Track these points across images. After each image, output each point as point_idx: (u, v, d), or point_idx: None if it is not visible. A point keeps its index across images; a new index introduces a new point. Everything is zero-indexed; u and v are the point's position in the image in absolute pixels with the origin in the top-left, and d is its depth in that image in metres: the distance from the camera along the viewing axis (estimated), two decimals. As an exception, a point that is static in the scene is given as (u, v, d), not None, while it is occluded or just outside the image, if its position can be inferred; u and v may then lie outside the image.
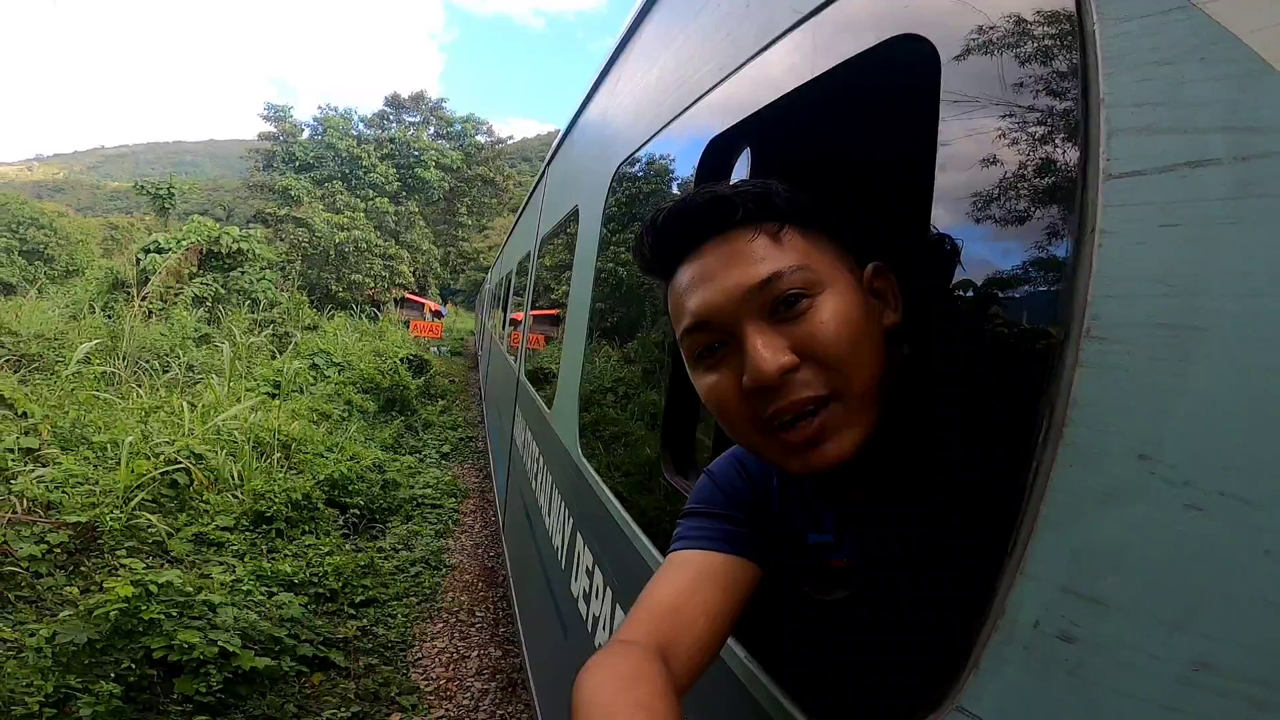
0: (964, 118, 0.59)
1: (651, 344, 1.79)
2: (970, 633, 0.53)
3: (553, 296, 4.32)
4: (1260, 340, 0.38)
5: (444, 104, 37.98)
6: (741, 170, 1.27)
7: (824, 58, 0.85)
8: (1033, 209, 0.53)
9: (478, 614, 4.24)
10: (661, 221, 0.76)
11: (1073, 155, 0.48)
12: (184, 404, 6.38)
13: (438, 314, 27.24)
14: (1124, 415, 0.43)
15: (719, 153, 1.28)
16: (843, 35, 0.81)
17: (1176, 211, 0.42)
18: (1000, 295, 0.57)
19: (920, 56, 0.65)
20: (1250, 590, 0.37)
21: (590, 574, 1.77)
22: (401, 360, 11.71)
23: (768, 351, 0.67)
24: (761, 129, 1.13)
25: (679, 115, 1.50)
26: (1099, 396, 0.45)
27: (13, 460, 4.61)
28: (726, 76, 1.20)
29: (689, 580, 0.77)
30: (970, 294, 0.61)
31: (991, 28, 0.57)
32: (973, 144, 0.58)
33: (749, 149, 1.23)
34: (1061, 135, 0.50)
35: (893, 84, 0.82)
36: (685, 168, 1.55)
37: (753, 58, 1.09)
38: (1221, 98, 0.40)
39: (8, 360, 7.23)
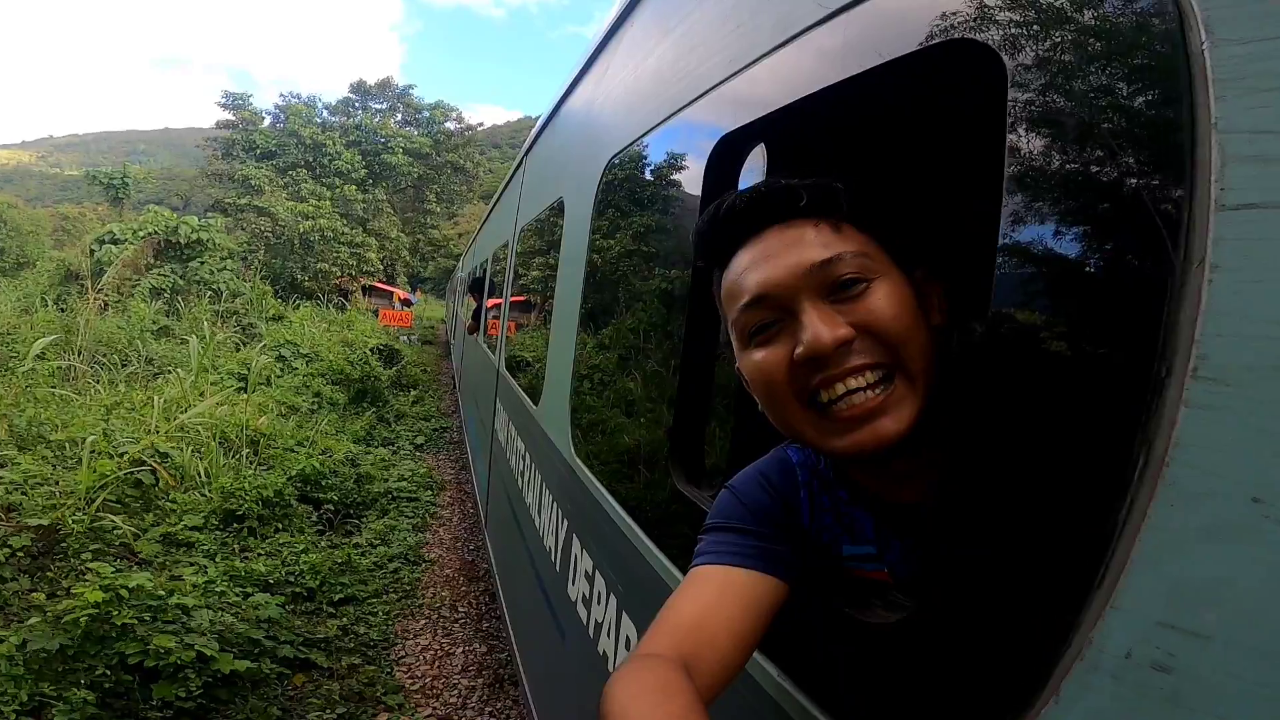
0: (1035, 135, 0.56)
1: (654, 341, 1.76)
2: (1048, 660, 0.51)
3: (534, 286, 4.25)
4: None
5: (411, 90, 37.02)
6: (754, 168, 1.24)
7: (857, 59, 0.82)
8: (1124, 237, 0.50)
9: (460, 609, 4.19)
10: (727, 207, 0.79)
11: (1175, 182, 0.45)
12: (148, 399, 6.16)
13: (407, 302, 26.77)
14: (1235, 458, 0.41)
15: (730, 150, 1.25)
16: (881, 36, 0.78)
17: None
18: (1077, 318, 0.55)
19: (976, 64, 0.62)
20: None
21: (590, 578, 1.74)
22: (371, 350, 11.49)
23: (825, 323, 0.70)
24: (779, 127, 1.09)
25: (682, 109, 1.45)
26: (1206, 437, 0.43)
27: (-34, 462, 4.40)
28: (738, 71, 1.16)
29: (711, 596, 0.76)
30: (1048, 313, 0.58)
31: (1069, 40, 0.54)
32: (1047, 163, 0.55)
33: (764, 147, 1.19)
34: (1159, 161, 0.47)
35: (937, 92, 0.79)
36: (688, 163, 1.51)
37: (769, 53, 1.05)
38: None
39: (-44, 356, 6.90)
